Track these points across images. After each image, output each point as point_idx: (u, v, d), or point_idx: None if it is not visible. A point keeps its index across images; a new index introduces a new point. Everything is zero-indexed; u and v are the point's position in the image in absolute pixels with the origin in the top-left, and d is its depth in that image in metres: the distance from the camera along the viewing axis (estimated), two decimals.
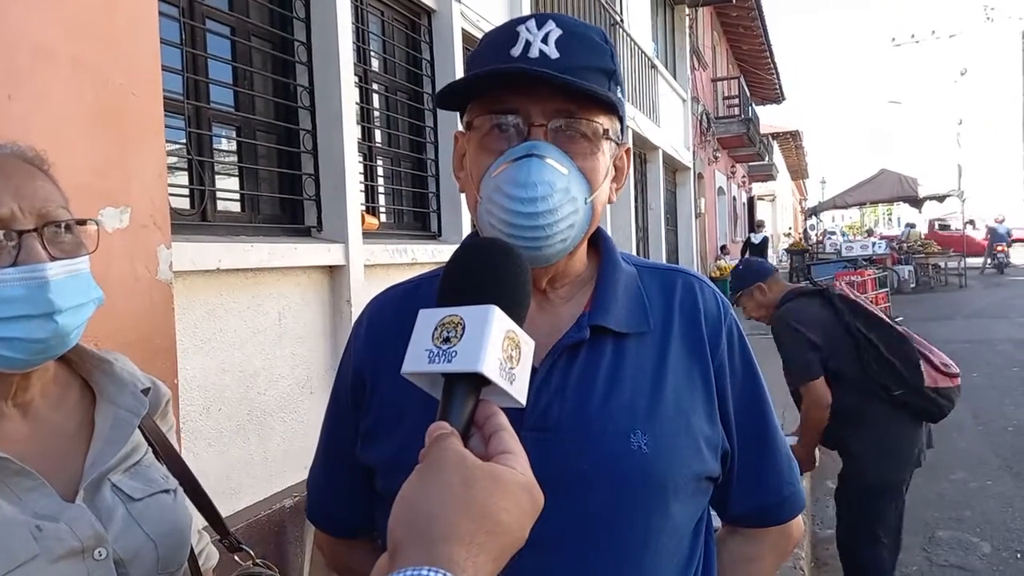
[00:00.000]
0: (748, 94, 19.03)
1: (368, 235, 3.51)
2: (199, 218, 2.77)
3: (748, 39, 18.47)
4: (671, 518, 0.87)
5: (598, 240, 0.98)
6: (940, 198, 21.43)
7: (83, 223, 0.91)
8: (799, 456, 2.41)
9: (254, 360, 2.81)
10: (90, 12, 1.82)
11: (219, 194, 2.94)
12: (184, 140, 2.73)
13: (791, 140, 31.22)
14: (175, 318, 2.07)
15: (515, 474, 0.60)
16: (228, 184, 3.05)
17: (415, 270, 3.72)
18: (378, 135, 4.00)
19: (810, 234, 28.78)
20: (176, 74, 2.66)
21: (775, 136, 28.01)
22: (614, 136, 0.89)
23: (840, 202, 22.24)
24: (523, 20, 0.86)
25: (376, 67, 4.00)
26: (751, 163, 22.67)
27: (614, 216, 8.53)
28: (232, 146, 3.09)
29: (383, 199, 4.05)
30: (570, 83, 0.80)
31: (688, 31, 13.36)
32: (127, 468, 0.94)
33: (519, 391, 0.66)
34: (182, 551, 0.97)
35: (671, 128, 11.70)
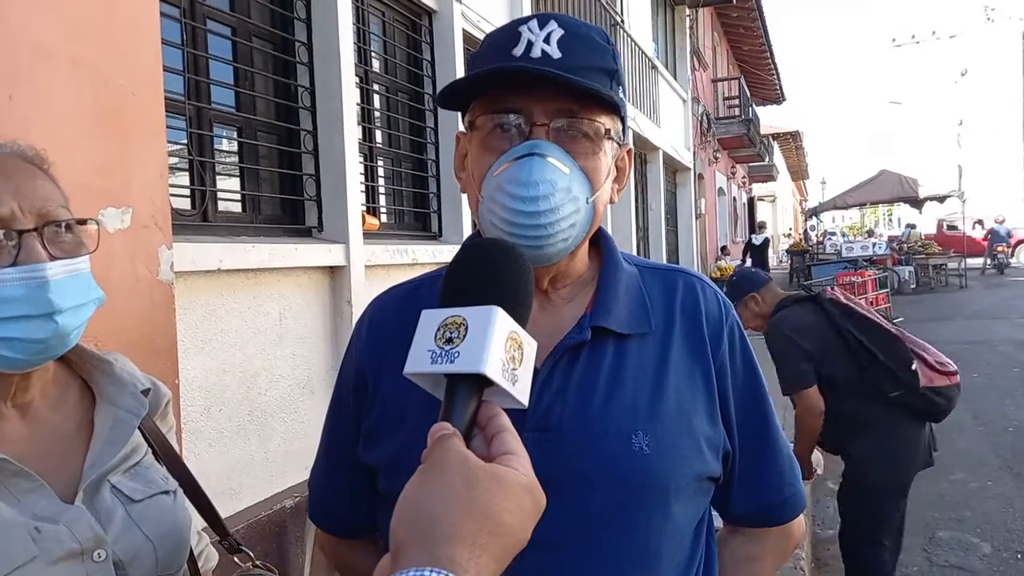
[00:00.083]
0: (748, 95, 19.03)
1: (369, 235, 3.51)
2: (200, 218, 2.77)
3: (748, 39, 18.47)
4: (672, 518, 0.87)
5: (599, 240, 0.97)
6: (940, 199, 21.43)
7: (83, 223, 0.90)
8: None
9: (255, 360, 2.81)
10: (90, 12, 1.82)
11: (220, 194, 2.94)
12: (185, 140, 2.73)
13: (791, 141, 31.21)
14: (176, 318, 2.06)
15: (517, 475, 0.60)
16: (229, 184, 3.05)
17: (416, 270, 3.72)
18: (379, 135, 4.00)
19: (810, 235, 28.78)
20: (177, 74, 2.66)
21: (775, 137, 28.01)
22: (616, 136, 0.89)
23: (840, 203, 22.24)
24: (525, 20, 0.86)
25: (377, 68, 4.00)
26: (751, 164, 22.68)
27: (615, 216, 8.53)
28: (233, 146, 3.09)
29: (384, 199, 4.05)
30: (573, 82, 0.80)
31: (688, 31, 13.37)
32: (127, 469, 0.94)
33: (521, 392, 0.66)
34: (182, 552, 0.96)
35: (671, 129, 11.70)
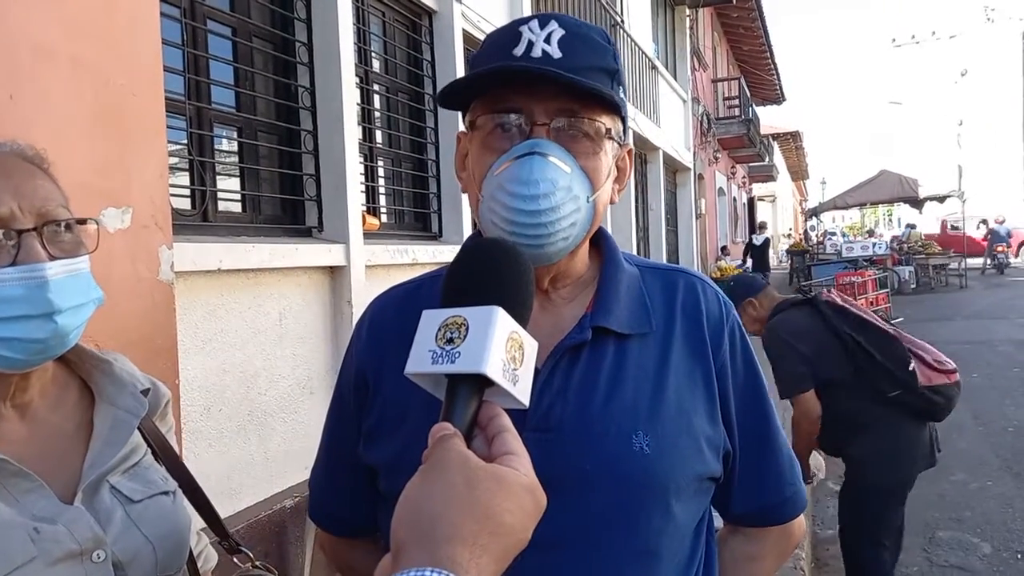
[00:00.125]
0: (748, 95, 19.03)
1: (369, 235, 3.51)
2: (200, 218, 2.77)
3: (748, 40, 18.47)
4: (673, 518, 0.87)
5: (600, 240, 0.97)
6: (940, 199, 21.41)
7: (83, 222, 0.89)
8: None
9: (255, 360, 2.81)
10: (91, 12, 1.82)
11: (220, 194, 2.94)
12: (185, 140, 2.73)
13: (791, 141, 31.21)
14: (176, 318, 2.07)
15: (518, 475, 0.60)
16: (229, 184, 3.05)
17: (416, 270, 3.72)
18: (379, 136, 4.00)
19: (810, 235, 28.79)
20: (177, 75, 2.66)
21: (775, 137, 28.00)
22: (616, 136, 0.89)
23: (840, 203, 22.22)
24: (526, 20, 0.86)
25: (377, 68, 4.00)
26: (751, 164, 22.67)
27: (615, 216, 8.53)
28: (233, 146, 3.09)
29: (384, 200, 4.05)
30: (574, 81, 0.80)
31: (688, 32, 13.37)
32: (126, 469, 0.93)
33: (522, 392, 0.66)
34: (181, 553, 0.96)
35: (671, 129, 11.70)
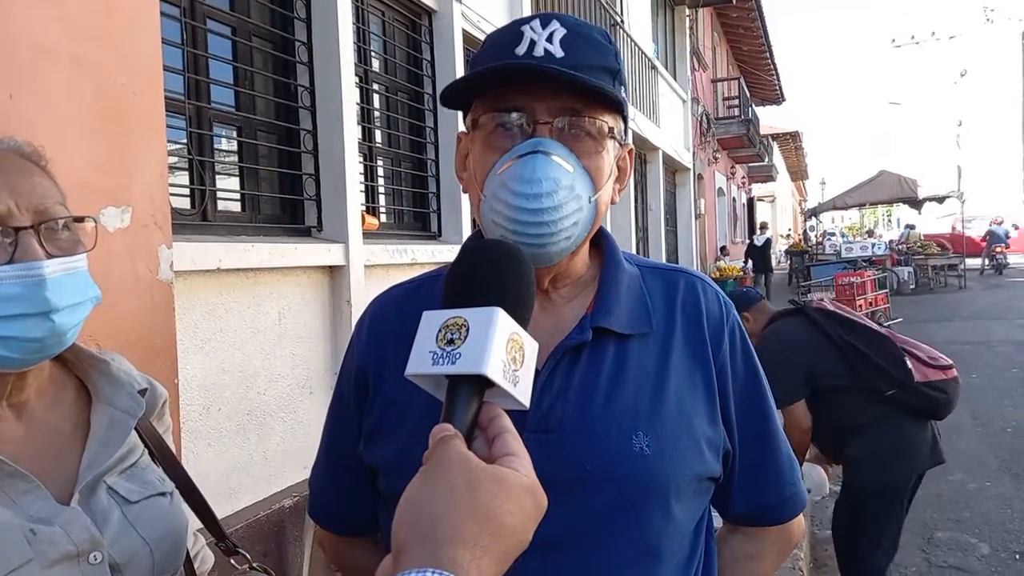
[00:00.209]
0: (748, 95, 19.03)
1: (368, 235, 3.51)
2: (200, 218, 2.77)
3: (748, 40, 18.47)
4: (673, 518, 0.87)
5: (601, 240, 0.97)
6: (940, 199, 21.42)
7: (81, 220, 0.88)
8: None
9: (254, 360, 2.80)
10: (91, 12, 1.82)
11: (220, 194, 2.94)
12: (185, 140, 2.73)
13: (791, 141, 31.22)
14: (175, 318, 2.06)
15: (519, 476, 0.60)
16: (229, 184, 3.05)
17: (415, 270, 3.72)
18: (378, 135, 4.00)
19: (810, 235, 28.79)
20: (177, 74, 2.65)
21: (775, 137, 28.01)
22: (618, 136, 0.89)
23: (840, 203, 22.22)
24: (527, 20, 0.86)
25: (377, 67, 4.00)
26: (751, 164, 22.68)
27: (615, 216, 8.53)
28: (233, 146, 3.09)
29: (383, 199, 4.05)
30: (577, 79, 0.80)
31: (688, 32, 13.37)
32: (123, 470, 0.92)
33: (523, 393, 0.66)
34: (178, 555, 0.95)
35: (671, 129, 11.70)
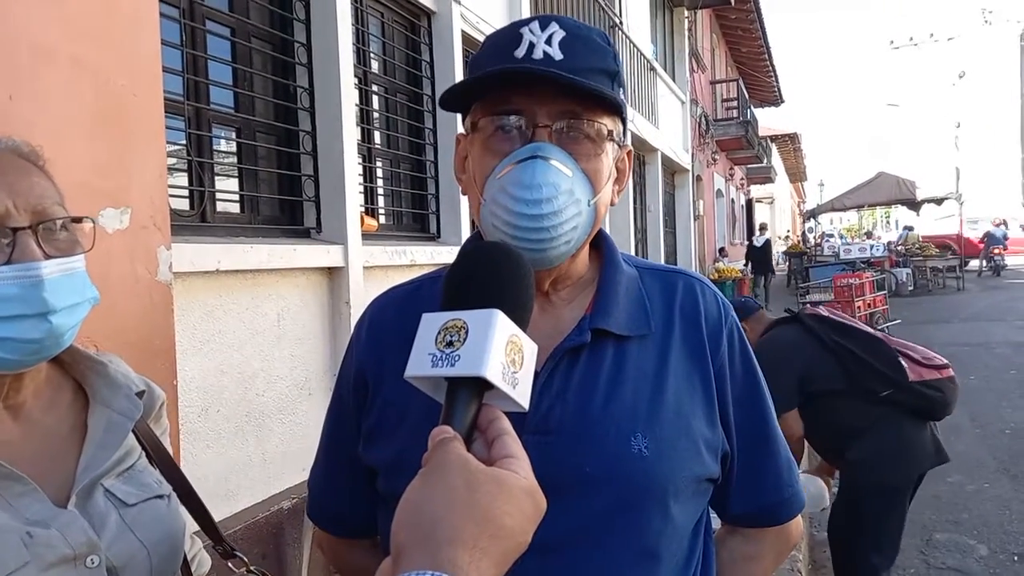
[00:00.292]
0: (747, 96, 19.04)
1: (367, 237, 3.51)
2: (199, 219, 2.77)
3: (747, 42, 18.49)
4: (671, 519, 0.87)
5: (600, 242, 0.98)
6: (938, 201, 21.47)
7: (79, 221, 0.88)
8: None
9: (253, 361, 2.80)
10: (91, 13, 1.82)
11: (219, 195, 2.94)
12: (184, 141, 2.73)
13: (789, 143, 31.22)
14: (174, 319, 2.07)
15: (518, 478, 0.60)
16: (228, 185, 3.04)
17: (414, 272, 3.72)
18: (377, 137, 4.00)
19: (808, 237, 28.82)
20: (176, 75, 2.65)
21: (773, 139, 28.00)
22: (617, 138, 0.89)
23: (838, 205, 22.27)
24: (526, 22, 0.86)
25: (376, 69, 4.00)
26: (749, 165, 22.68)
27: (613, 218, 8.53)
28: (232, 147, 3.09)
29: (382, 201, 4.05)
30: (577, 83, 0.80)
31: (687, 33, 13.38)
32: (120, 473, 0.92)
33: (522, 395, 0.66)
34: (175, 558, 0.95)
35: (670, 130, 11.70)
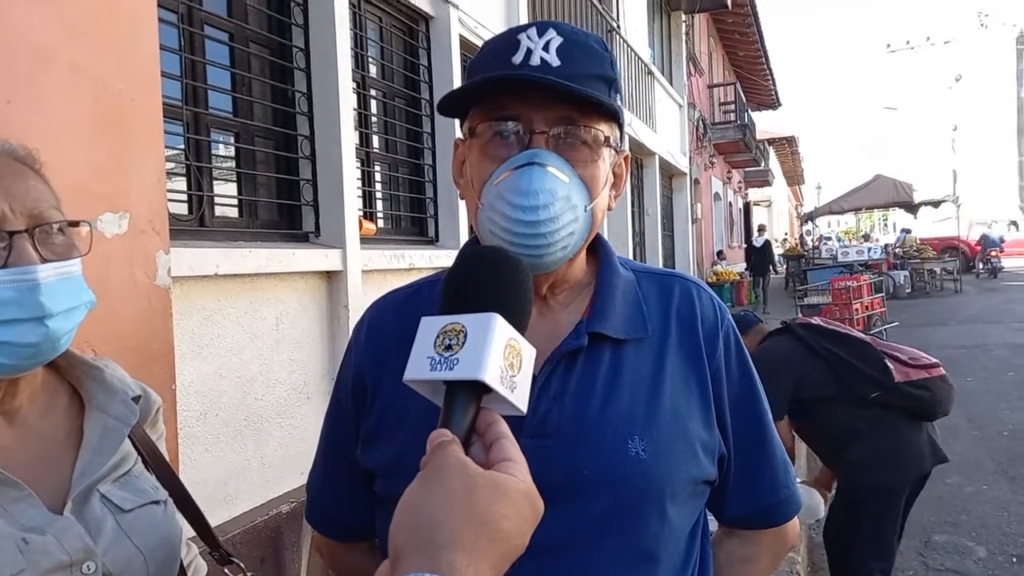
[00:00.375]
0: (744, 100, 19.08)
1: (366, 240, 3.52)
2: (197, 223, 2.77)
3: (744, 45, 18.53)
4: (668, 522, 0.87)
5: (597, 246, 0.98)
6: (935, 203, 21.53)
7: (76, 224, 0.88)
8: None
9: (251, 365, 2.80)
10: (90, 17, 1.83)
11: (217, 199, 2.94)
12: (183, 145, 2.73)
13: (787, 146, 31.25)
14: (173, 323, 2.07)
15: (516, 482, 0.60)
16: (226, 189, 3.05)
17: (412, 275, 3.72)
18: (376, 141, 4.01)
19: (806, 239, 28.86)
20: (175, 80, 2.66)
21: (771, 142, 28.01)
22: (614, 143, 0.90)
23: (836, 207, 22.32)
24: (524, 28, 0.87)
25: (374, 73, 4.01)
26: (747, 169, 22.73)
27: (611, 221, 8.54)
28: (230, 151, 3.10)
29: (381, 205, 4.06)
30: (573, 90, 0.81)
31: (684, 37, 13.41)
32: (117, 478, 0.91)
33: (520, 399, 0.67)
34: (172, 564, 0.94)
35: (667, 134, 11.72)
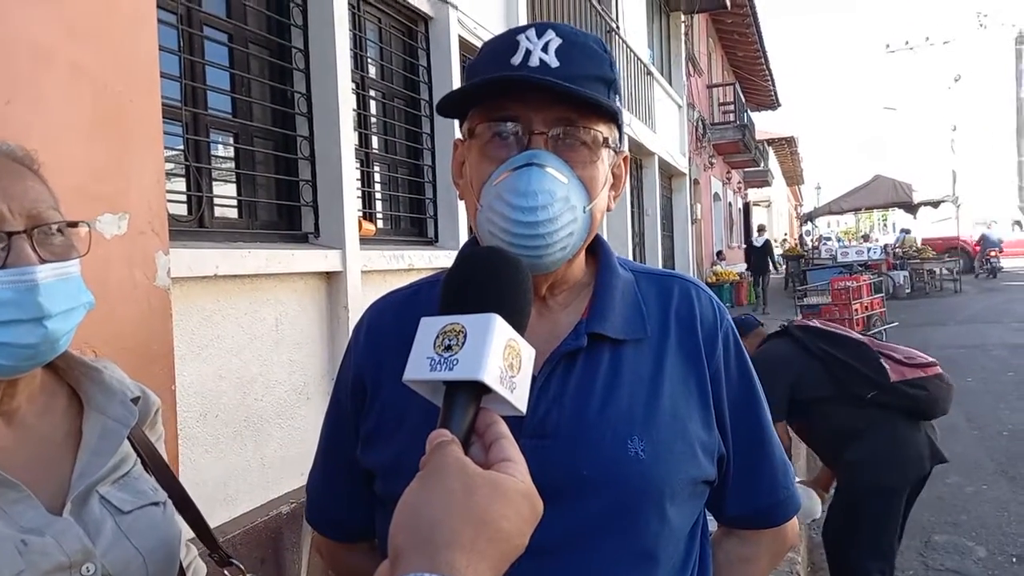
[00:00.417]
0: (743, 100, 19.10)
1: (365, 241, 3.52)
2: (197, 224, 2.77)
3: (743, 46, 18.54)
4: (668, 522, 0.87)
5: (596, 247, 0.98)
6: (935, 204, 21.54)
7: (74, 225, 0.88)
8: None
9: (251, 366, 2.80)
10: (89, 18, 1.83)
11: (217, 200, 2.94)
12: (182, 146, 2.73)
13: (786, 146, 31.26)
14: (172, 324, 2.07)
15: (515, 482, 0.60)
16: (226, 190, 3.05)
17: (412, 276, 3.72)
18: (375, 141, 4.01)
19: (805, 240, 28.88)
20: (174, 81, 2.66)
21: (770, 142, 28.02)
22: (613, 144, 0.90)
23: (835, 208, 22.32)
24: (523, 29, 0.87)
25: (373, 74, 4.01)
26: (746, 169, 22.74)
27: (610, 222, 8.55)
28: (230, 152, 3.10)
29: (380, 205, 4.06)
30: (572, 91, 0.81)
31: (684, 38, 13.42)
32: (116, 479, 0.91)
33: (519, 399, 0.67)
34: (172, 565, 0.94)
35: (667, 134, 11.73)
